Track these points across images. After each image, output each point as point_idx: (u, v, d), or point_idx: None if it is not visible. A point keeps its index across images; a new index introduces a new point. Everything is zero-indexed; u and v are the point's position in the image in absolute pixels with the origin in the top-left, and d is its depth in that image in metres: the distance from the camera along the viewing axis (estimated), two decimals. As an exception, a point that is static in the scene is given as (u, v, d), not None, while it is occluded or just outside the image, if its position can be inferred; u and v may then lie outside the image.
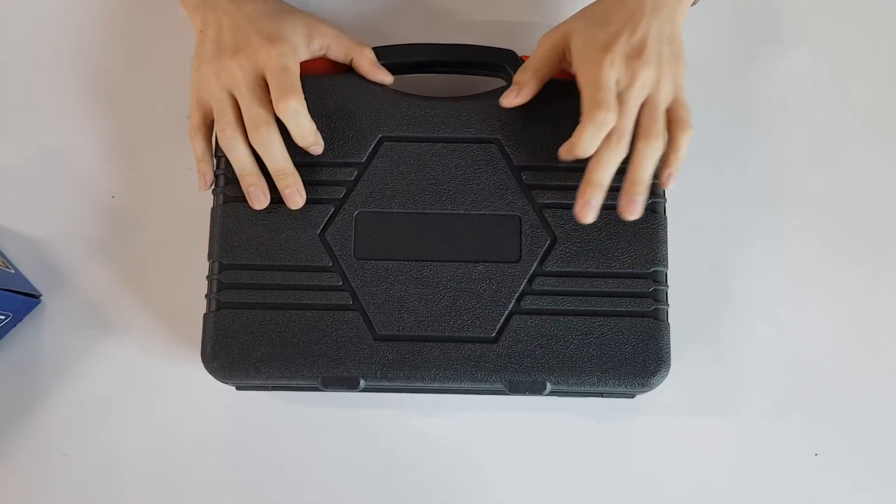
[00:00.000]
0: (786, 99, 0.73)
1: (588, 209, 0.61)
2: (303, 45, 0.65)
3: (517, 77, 0.65)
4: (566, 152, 0.61)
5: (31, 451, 0.67)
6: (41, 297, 0.69)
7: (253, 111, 0.62)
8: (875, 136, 0.72)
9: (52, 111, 0.73)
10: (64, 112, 0.72)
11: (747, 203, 0.71)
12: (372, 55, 0.68)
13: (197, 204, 0.67)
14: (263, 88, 0.63)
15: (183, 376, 0.68)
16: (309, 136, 0.63)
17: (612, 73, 0.60)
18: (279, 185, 0.63)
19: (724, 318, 0.69)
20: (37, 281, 0.69)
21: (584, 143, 0.60)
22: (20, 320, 0.68)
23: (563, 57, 0.64)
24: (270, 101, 0.62)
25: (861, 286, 0.70)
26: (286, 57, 0.63)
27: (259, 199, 0.64)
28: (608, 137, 0.60)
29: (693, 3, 0.65)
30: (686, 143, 0.62)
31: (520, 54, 0.69)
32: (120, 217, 0.70)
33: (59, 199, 0.71)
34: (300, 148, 0.64)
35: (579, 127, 0.60)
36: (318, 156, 0.65)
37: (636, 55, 0.61)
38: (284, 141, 0.63)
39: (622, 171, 0.62)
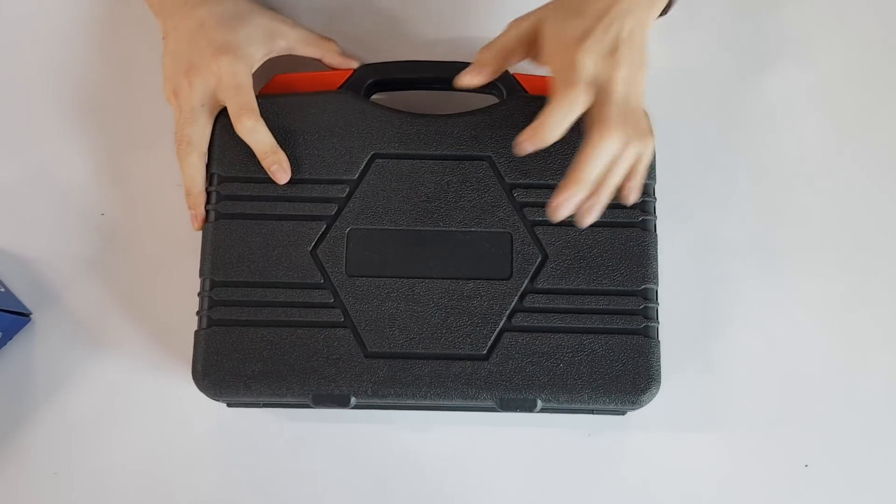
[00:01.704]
0: (773, 111, 0.73)
1: (564, 209, 0.57)
2: (261, 50, 0.66)
3: (480, 55, 0.62)
4: (527, 137, 0.57)
5: (21, 470, 0.66)
6: (31, 316, 0.69)
7: (181, 132, 0.64)
8: (863, 148, 0.73)
9: (41, 129, 0.72)
10: (53, 129, 0.72)
11: (736, 216, 0.71)
12: (337, 47, 0.68)
13: (187, 220, 0.66)
14: (211, 105, 0.64)
15: (174, 393, 0.67)
16: (268, 153, 0.63)
17: (589, 59, 0.57)
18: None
19: (713, 331, 0.69)
20: (27, 299, 0.69)
21: (551, 124, 0.56)
22: (10, 339, 0.68)
23: (530, 45, 0.61)
24: (210, 120, 0.64)
25: (850, 298, 0.70)
26: (238, 74, 0.63)
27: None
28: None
29: (660, 15, 0.64)
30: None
31: (511, 71, 0.69)
32: (110, 234, 0.70)
33: (48, 217, 0.70)
34: (291, 164, 0.64)
35: (546, 108, 0.56)
36: (311, 173, 0.65)
37: (612, 52, 0.58)
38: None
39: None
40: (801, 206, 0.72)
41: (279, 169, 0.64)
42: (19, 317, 0.68)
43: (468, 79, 0.62)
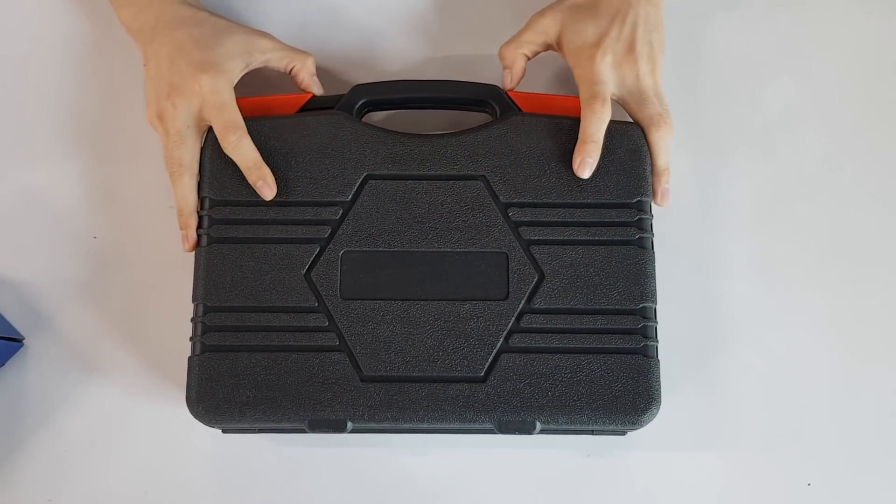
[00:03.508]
0: (770, 127, 0.73)
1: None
2: (240, 66, 0.66)
3: (505, 55, 0.67)
4: (581, 158, 0.64)
5: (15, 497, 0.65)
6: (24, 341, 0.68)
7: (170, 155, 0.64)
8: (861, 162, 0.72)
9: (32, 152, 0.72)
10: (44, 153, 0.72)
11: (734, 231, 0.71)
12: (312, 66, 0.69)
13: (180, 242, 0.66)
14: (197, 125, 0.65)
15: (168, 419, 0.67)
16: (252, 169, 0.63)
17: (607, 68, 0.64)
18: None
19: (713, 349, 0.68)
20: (19, 324, 0.68)
21: (593, 135, 0.64)
22: (3, 364, 0.67)
23: (551, 43, 0.67)
24: (198, 140, 0.65)
25: (850, 313, 0.69)
26: (220, 92, 0.64)
27: None
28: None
29: None
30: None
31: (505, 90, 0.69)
32: (103, 258, 0.70)
33: (40, 241, 0.70)
34: (281, 187, 0.64)
35: (583, 124, 0.64)
36: (304, 195, 0.65)
37: (629, 50, 0.64)
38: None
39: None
40: (799, 220, 0.71)
41: (264, 184, 0.64)
42: (12, 342, 0.67)
43: (507, 84, 0.68)
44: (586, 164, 0.64)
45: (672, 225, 0.69)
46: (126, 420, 0.67)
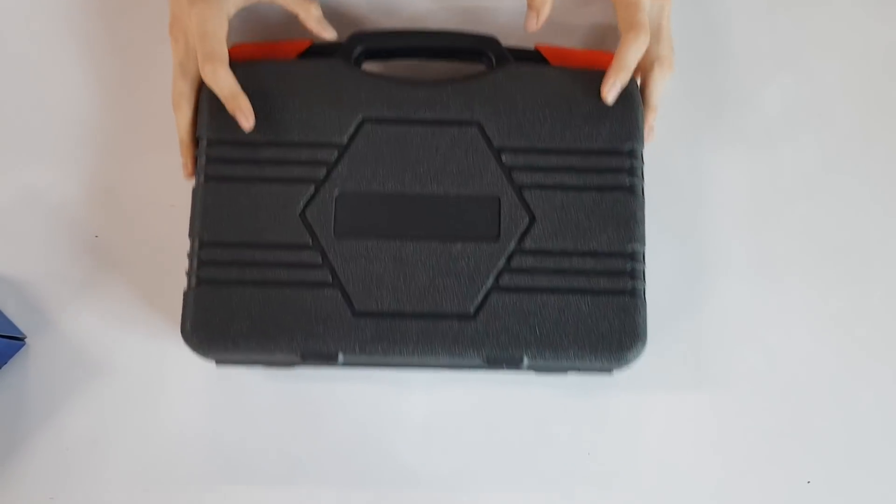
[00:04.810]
0: (770, 125, 0.73)
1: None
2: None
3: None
4: (611, 80, 0.64)
5: (16, 495, 0.66)
6: (26, 340, 0.69)
7: (174, 86, 0.66)
8: (861, 161, 0.72)
9: (34, 150, 0.72)
10: (46, 151, 0.72)
11: (734, 229, 0.71)
12: (317, 11, 0.69)
13: (183, 242, 0.66)
14: (194, 55, 0.66)
15: (170, 417, 0.67)
16: (228, 98, 0.64)
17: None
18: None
19: (711, 346, 0.68)
20: (21, 323, 0.69)
21: (629, 61, 0.64)
22: (5, 363, 0.68)
23: None
24: (197, 69, 0.65)
25: (850, 311, 0.69)
26: (205, 22, 0.65)
27: None
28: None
29: None
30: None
31: (502, 41, 0.70)
32: (104, 256, 0.70)
33: (42, 240, 0.70)
34: (277, 128, 0.65)
35: (621, 49, 0.64)
36: (300, 136, 0.66)
37: None
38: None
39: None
40: (799, 218, 0.71)
41: (240, 114, 0.64)
42: (13, 341, 0.68)
43: (531, 25, 0.67)
44: (616, 88, 0.65)
45: (671, 219, 0.69)
46: (128, 418, 0.67)
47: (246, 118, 0.64)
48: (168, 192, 0.68)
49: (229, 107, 0.65)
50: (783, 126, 0.73)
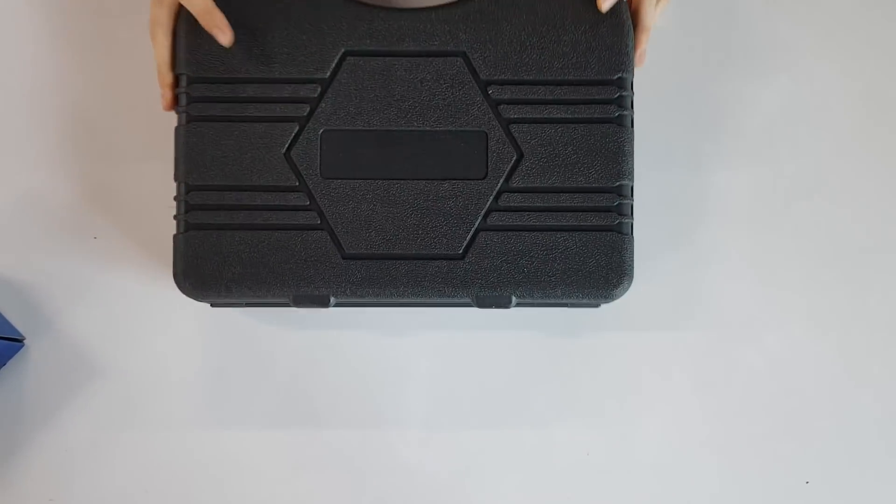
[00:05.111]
0: (769, 126, 0.71)
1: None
2: None
3: None
4: (641, 44, 0.65)
5: (16, 497, 0.67)
6: (25, 341, 0.69)
7: (152, 14, 0.63)
8: (858, 161, 0.71)
9: (33, 152, 0.71)
10: (45, 153, 0.70)
11: (732, 229, 0.70)
12: None
13: None
14: None
15: (169, 416, 0.68)
16: (202, 14, 0.62)
17: None
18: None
19: (709, 346, 0.70)
20: (20, 324, 0.69)
21: (649, 15, 0.64)
22: (3, 365, 0.68)
23: None
24: None
25: (847, 311, 0.70)
26: None
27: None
28: None
29: None
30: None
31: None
32: (102, 257, 0.70)
33: (40, 241, 0.70)
34: (258, 62, 0.63)
35: (642, 6, 0.64)
36: (281, 72, 0.64)
37: None
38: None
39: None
40: (797, 219, 0.70)
41: (217, 30, 0.62)
42: (13, 342, 0.68)
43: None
44: (643, 55, 0.65)
45: (670, 219, 0.69)
46: (127, 419, 0.68)
47: (223, 32, 0.62)
48: (166, 192, 0.67)
49: (205, 23, 0.62)
50: (782, 127, 0.71)
